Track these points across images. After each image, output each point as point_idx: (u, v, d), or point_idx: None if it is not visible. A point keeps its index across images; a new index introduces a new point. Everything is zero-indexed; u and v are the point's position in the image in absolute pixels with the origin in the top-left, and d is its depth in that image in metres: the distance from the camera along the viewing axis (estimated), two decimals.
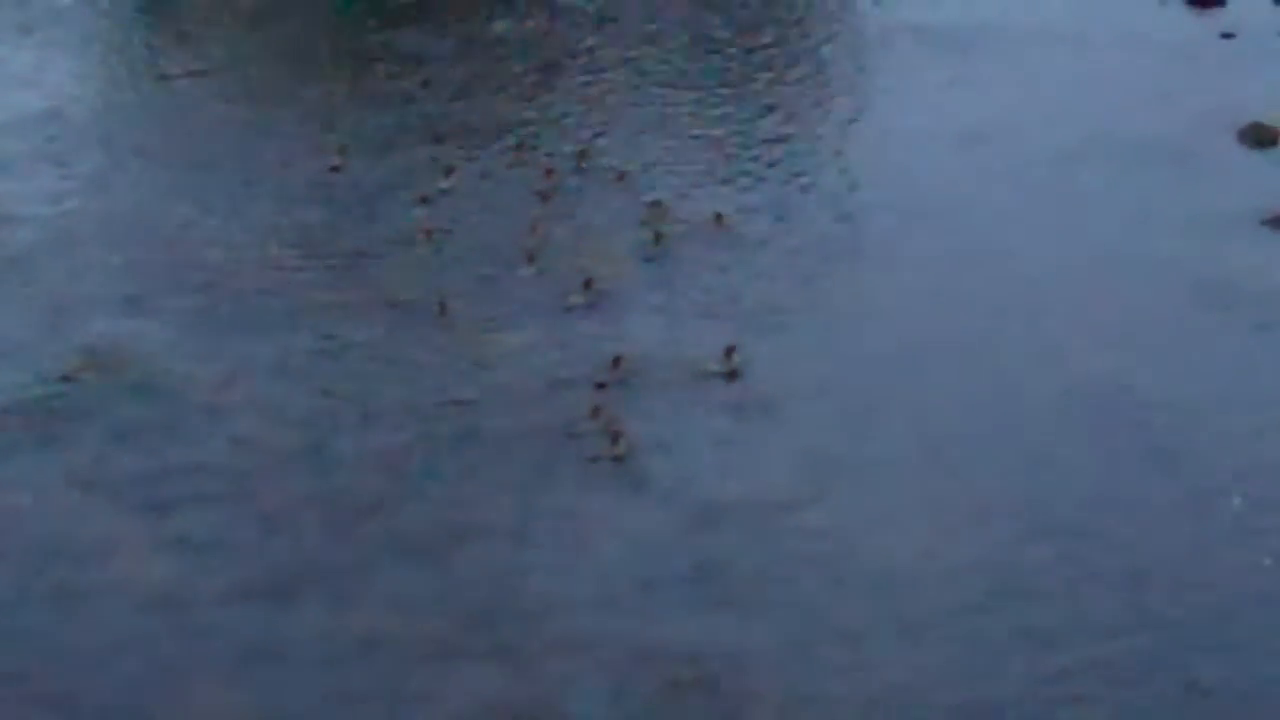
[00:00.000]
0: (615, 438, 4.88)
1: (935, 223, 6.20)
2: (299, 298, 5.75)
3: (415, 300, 5.73)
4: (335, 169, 6.65)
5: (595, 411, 5.06)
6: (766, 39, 7.88)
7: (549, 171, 6.55)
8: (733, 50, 7.72)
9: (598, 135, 6.90)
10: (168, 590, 4.37)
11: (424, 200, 6.38)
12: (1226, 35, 7.93)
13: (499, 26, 7.98)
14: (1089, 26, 8.03)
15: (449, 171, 6.60)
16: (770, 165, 6.66)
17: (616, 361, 5.27)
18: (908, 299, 5.69)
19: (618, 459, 4.84)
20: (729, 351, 5.25)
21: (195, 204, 6.40)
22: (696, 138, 6.89)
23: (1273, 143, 6.81)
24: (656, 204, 6.31)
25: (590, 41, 7.86)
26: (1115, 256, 5.96)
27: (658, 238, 6.07)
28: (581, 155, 6.69)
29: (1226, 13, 8.22)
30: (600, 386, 5.19)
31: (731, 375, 5.23)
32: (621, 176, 6.51)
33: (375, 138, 6.92)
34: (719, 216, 6.19)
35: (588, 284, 5.76)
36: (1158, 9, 8.25)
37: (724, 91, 7.31)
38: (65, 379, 5.26)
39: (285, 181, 6.57)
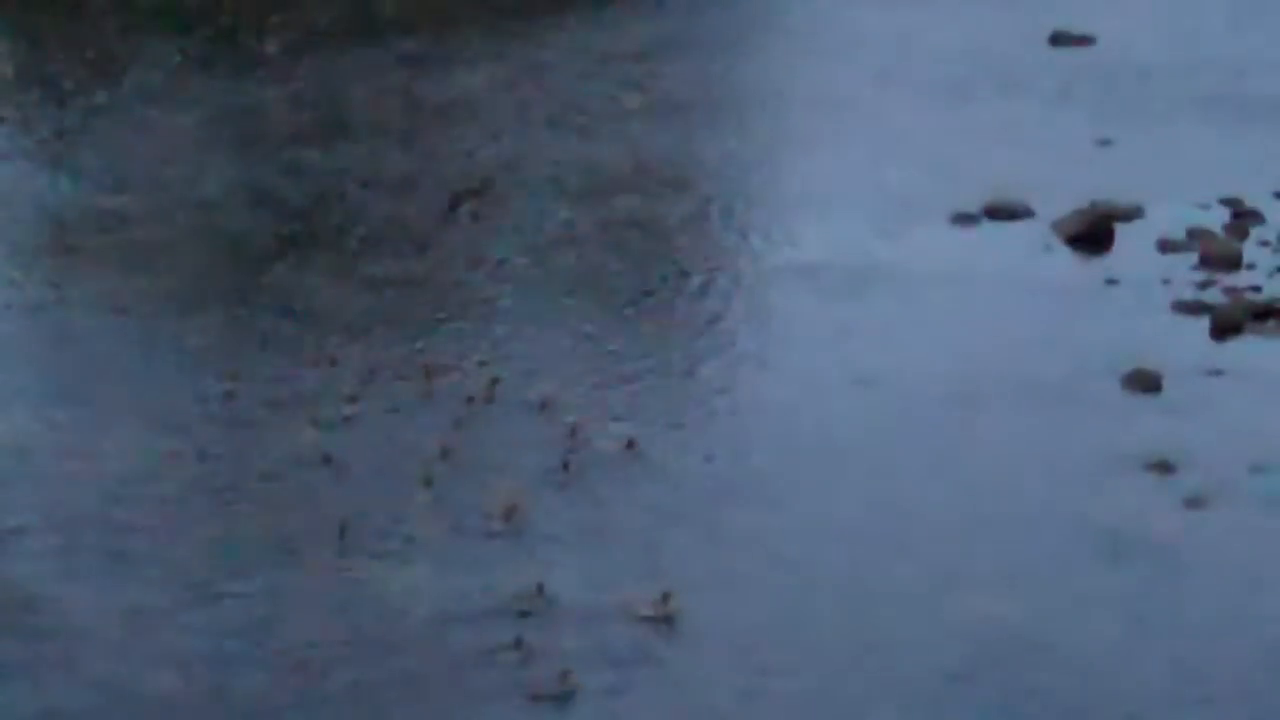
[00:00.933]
0: (548, 677, 4.83)
1: (828, 465, 6.23)
2: (188, 530, 5.64)
3: (314, 531, 5.64)
4: (229, 395, 6.61)
5: (516, 644, 5.01)
6: (659, 278, 7.99)
7: (467, 400, 6.58)
8: (626, 292, 7.82)
9: (505, 367, 6.93)
10: None
11: (324, 428, 6.35)
12: (1111, 281, 8.13)
13: (396, 266, 8.06)
14: (977, 268, 8.18)
15: (352, 400, 6.59)
16: (671, 400, 6.71)
17: (535, 593, 5.24)
18: (801, 538, 5.67)
19: (538, 698, 4.80)
20: (665, 597, 5.24)
21: (80, 434, 6.29)
22: (603, 372, 6.94)
23: (1156, 388, 6.95)
24: (569, 431, 6.35)
25: (488, 281, 7.95)
26: (1004, 502, 5.99)
27: (569, 465, 6.11)
28: (492, 384, 6.72)
29: (1111, 258, 8.43)
30: (519, 622, 5.16)
31: (660, 620, 5.22)
32: (537, 404, 6.55)
33: (271, 369, 6.89)
34: (630, 443, 6.25)
35: (500, 512, 5.73)
36: (1044, 252, 8.44)
37: (626, 330, 7.37)
38: None
39: (178, 409, 6.52)
